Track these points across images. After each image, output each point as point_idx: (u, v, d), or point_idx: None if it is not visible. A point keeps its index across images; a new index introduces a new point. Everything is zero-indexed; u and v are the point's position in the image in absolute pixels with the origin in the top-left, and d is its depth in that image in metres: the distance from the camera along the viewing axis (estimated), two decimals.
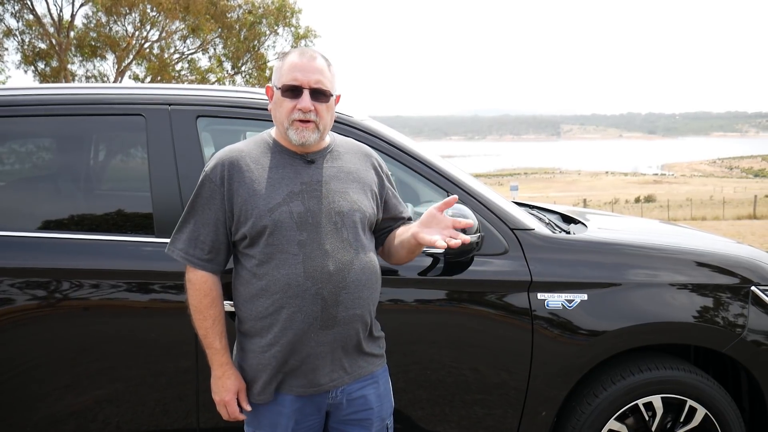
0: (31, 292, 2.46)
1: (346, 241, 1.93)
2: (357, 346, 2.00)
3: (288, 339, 1.90)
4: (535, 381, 2.59)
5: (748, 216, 27.60)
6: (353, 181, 2.01)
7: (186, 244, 1.97)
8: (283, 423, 1.95)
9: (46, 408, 2.50)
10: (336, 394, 1.98)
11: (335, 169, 2.00)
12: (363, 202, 2.00)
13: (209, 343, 1.98)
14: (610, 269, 2.67)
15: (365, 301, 1.96)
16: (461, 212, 2.34)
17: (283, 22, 26.01)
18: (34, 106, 2.65)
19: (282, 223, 1.88)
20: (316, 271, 1.88)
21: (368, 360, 2.04)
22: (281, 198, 1.90)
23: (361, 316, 1.96)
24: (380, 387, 2.07)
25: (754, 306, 2.71)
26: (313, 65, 1.93)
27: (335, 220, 1.93)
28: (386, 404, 2.10)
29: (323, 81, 1.93)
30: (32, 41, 24.52)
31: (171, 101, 2.64)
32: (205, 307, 1.97)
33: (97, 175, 2.95)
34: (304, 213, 1.90)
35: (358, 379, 2.01)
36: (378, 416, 2.06)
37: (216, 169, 1.94)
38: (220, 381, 1.98)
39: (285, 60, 1.97)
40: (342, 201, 1.96)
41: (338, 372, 1.97)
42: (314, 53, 1.97)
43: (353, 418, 2.03)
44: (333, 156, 2.03)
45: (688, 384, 2.66)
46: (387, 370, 2.14)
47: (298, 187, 1.93)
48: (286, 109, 1.92)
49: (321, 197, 1.93)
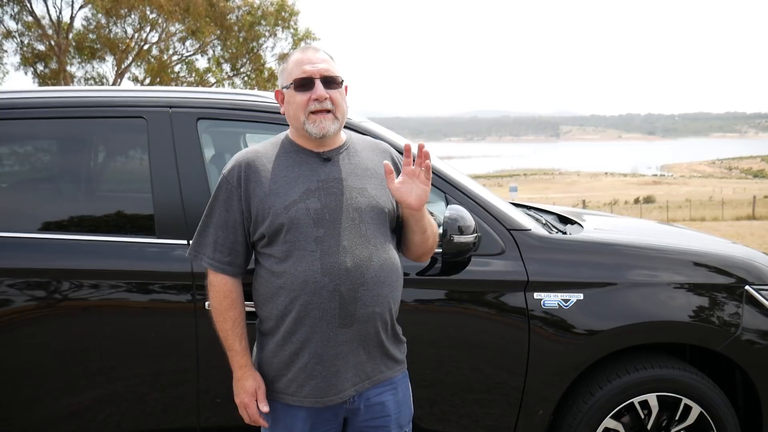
0: (31, 292, 2.49)
1: (365, 237, 1.91)
2: (379, 346, 1.96)
3: (305, 336, 1.88)
4: (531, 380, 2.61)
5: (747, 217, 27.63)
6: (371, 177, 2.00)
7: (206, 248, 1.97)
8: (299, 426, 1.93)
9: (46, 408, 2.52)
10: (354, 400, 1.95)
11: (353, 166, 1.99)
12: (382, 197, 1.98)
13: (229, 345, 1.97)
14: (606, 269, 2.70)
15: (384, 299, 1.92)
16: (459, 213, 2.38)
17: (282, 24, 26.04)
18: (36, 108, 2.67)
19: (298, 220, 1.87)
20: (334, 267, 1.86)
21: (389, 365, 2.00)
22: (297, 195, 1.89)
23: (380, 314, 1.92)
24: (399, 393, 2.03)
25: (749, 305, 2.74)
26: (318, 56, 1.96)
27: (353, 216, 1.91)
28: (405, 411, 2.06)
29: (331, 69, 1.95)
30: (31, 43, 24.56)
31: (172, 104, 2.67)
32: (225, 308, 1.96)
33: (98, 176, 2.97)
34: (320, 210, 1.89)
35: (378, 384, 1.98)
36: (396, 423, 2.02)
37: (233, 171, 1.95)
38: (240, 383, 1.96)
39: (289, 60, 2.00)
40: (360, 197, 1.94)
41: (360, 376, 1.93)
42: (316, 47, 2.01)
43: (370, 425, 1.98)
44: (350, 153, 2.02)
45: (683, 382, 2.69)
46: (407, 377, 2.09)
47: (314, 184, 1.92)
48: (301, 102, 1.92)
49: (338, 194, 1.92)
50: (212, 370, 2.47)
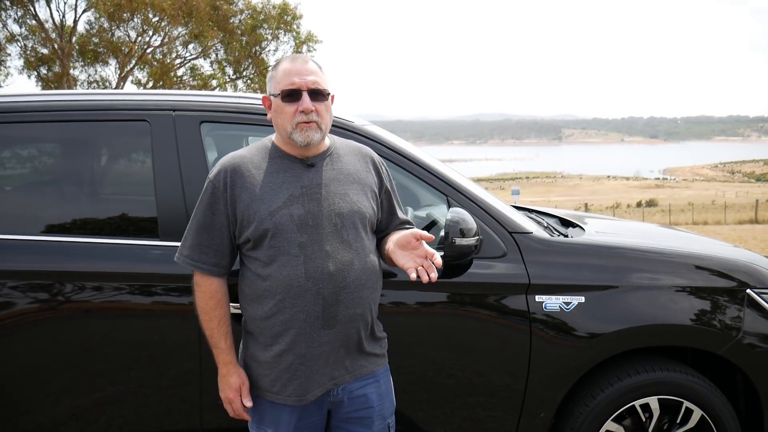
0: (35, 294, 2.50)
1: (346, 242, 1.98)
2: (358, 346, 2.04)
3: (291, 338, 1.95)
4: (533, 382, 2.62)
5: (749, 220, 27.59)
6: (353, 183, 2.06)
7: (192, 250, 2.03)
8: (285, 419, 2.00)
9: (49, 410, 2.53)
10: (337, 393, 2.03)
11: (335, 172, 2.05)
12: (363, 203, 2.04)
13: (215, 343, 2.04)
14: (608, 272, 2.70)
15: (365, 301, 2.00)
16: (461, 216, 2.38)
17: (284, 27, 26.09)
18: (40, 112, 2.69)
19: (283, 226, 1.93)
20: (317, 271, 1.93)
21: (369, 359, 2.08)
22: (281, 202, 1.95)
23: (362, 315, 2.00)
24: (381, 386, 2.11)
25: (750, 309, 2.74)
26: (307, 68, 2.00)
27: (335, 221, 1.98)
28: (387, 403, 2.14)
29: (319, 81, 2.00)
30: (35, 46, 24.63)
31: (175, 107, 2.68)
32: (210, 308, 2.03)
33: (102, 179, 2.99)
34: (304, 215, 1.95)
35: (359, 377, 2.05)
36: (379, 415, 2.10)
37: (219, 176, 2.00)
38: (225, 379, 2.05)
39: (278, 68, 2.03)
40: (342, 203, 2.00)
41: (339, 370, 2.01)
42: (306, 57, 2.04)
43: (354, 416, 2.06)
44: (333, 158, 2.07)
45: (684, 386, 2.69)
46: (388, 370, 2.17)
47: (298, 190, 1.98)
48: (288, 113, 1.97)
49: (321, 200, 1.98)
50: (215, 372, 2.47)
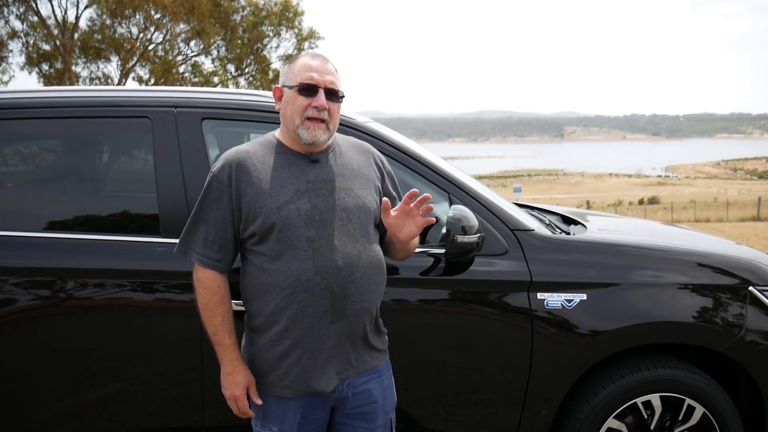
0: (37, 291, 2.50)
1: (353, 237, 1.99)
2: (364, 339, 2.05)
3: (298, 332, 1.94)
4: (535, 380, 2.62)
5: (752, 218, 27.55)
6: (357, 177, 2.07)
7: (196, 244, 2.02)
8: (290, 416, 2.00)
9: (51, 406, 2.53)
10: (342, 388, 2.03)
11: (339, 167, 2.05)
12: (367, 197, 2.06)
13: (219, 340, 2.02)
14: (609, 269, 2.70)
15: (372, 294, 2.02)
16: (462, 213, 2.38)
17: (286, 24, 26.08)
18: (42, 108, 2.69)
19: (290, 220, 1.93)
20: (326, 266, 1.93)
21: (372, 354, 2.09)
22: (288, 196, 1.95)
23: (368, 309, 2.01)
24: (384, 381, 2.13)
25: (753, 306, 2.74)
26: (327, 67, 2.03)
27: (342, 216, 1.98)
28: (389, 398, 2.15)
29: (336, 83, 2.03)
30: (36, 43, 24.65)
31: (177, 103, 2.68)
32: (214, 304, 2.01)
33: (103, 176, 2.99)
34: (311, 210, 1.95)
35: (363, 372, 2.06)
36: (382, 410, 2.11)
37: (224, 170, 1.99)
38: (230, 377, 2.02)
39: (296, 61, 2.05)
40: (347, 198, 2.01)
41: (344, 365, 2.02)
42: (325, 57, 2.06)
43: (358, 411, 2.07)
44: (336, 154, 2.08)
45: (686, 383, 2.69)
46: (390, 366, 2.18)
47: (304, 185, 1.98)
48: (301, 105, 1.98)
49: (327, 195, 1.99)
50: (216, 369, 2.46)
